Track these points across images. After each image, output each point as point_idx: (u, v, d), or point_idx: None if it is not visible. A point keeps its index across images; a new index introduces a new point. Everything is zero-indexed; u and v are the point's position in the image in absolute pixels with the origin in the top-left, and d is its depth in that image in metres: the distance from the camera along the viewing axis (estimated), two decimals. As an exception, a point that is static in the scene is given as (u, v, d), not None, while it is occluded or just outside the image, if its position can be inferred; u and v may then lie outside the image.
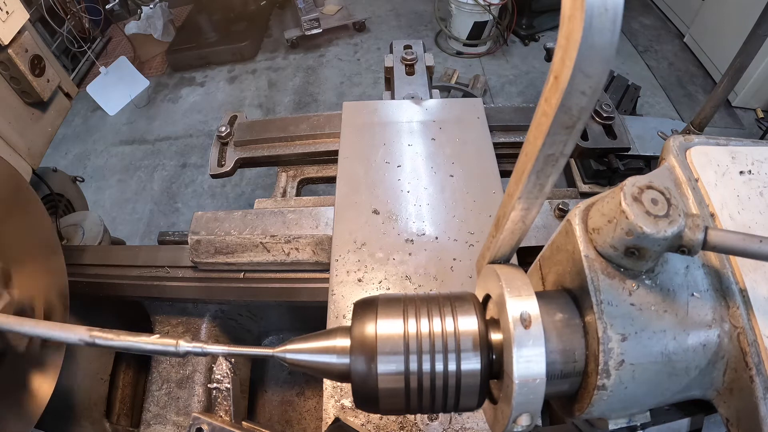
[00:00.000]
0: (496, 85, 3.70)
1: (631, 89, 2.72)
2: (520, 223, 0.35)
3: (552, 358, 0.35)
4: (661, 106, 3.43)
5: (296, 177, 1.40)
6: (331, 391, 0.66)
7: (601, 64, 0.24)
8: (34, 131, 1.26)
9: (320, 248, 0.96)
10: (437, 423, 0.63)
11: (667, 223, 0.32)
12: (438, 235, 0.82)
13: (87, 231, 1.56)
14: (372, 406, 0.36)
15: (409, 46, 1.27)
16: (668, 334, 0.35)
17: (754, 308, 0.37)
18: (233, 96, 3.86)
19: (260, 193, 3.06)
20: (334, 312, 0.74)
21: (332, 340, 0.37)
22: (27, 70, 1.18)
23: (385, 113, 1.05)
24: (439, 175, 0.92)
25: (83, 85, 3.84)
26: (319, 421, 1.04)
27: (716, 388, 0.38)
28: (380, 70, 3.84)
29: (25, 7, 1.18)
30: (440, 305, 0.37)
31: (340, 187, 0.91)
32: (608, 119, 1.18)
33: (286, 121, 1.24)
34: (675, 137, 0.47)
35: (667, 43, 3.96)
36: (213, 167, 1.21)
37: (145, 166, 3.36)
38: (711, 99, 1.38)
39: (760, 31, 1.26)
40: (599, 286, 0.35)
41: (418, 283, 0.76)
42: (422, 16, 4.45)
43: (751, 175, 0.44)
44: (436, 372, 0.35)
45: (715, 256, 0.39)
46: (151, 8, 4.11)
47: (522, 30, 4.00)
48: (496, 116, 1.18)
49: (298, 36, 4.11)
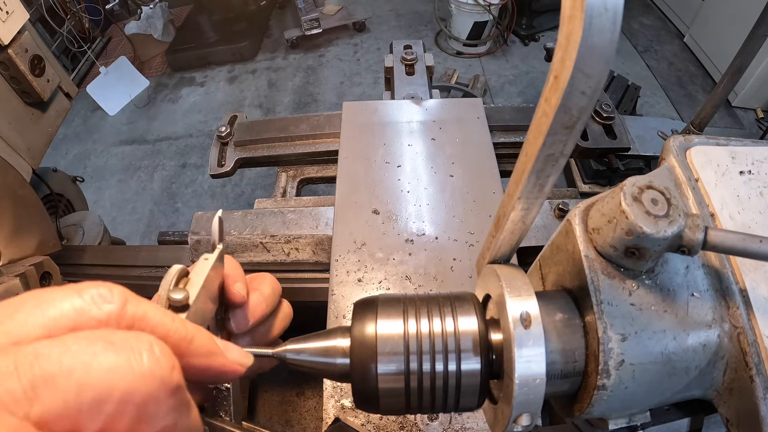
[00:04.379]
0: (496, 85, 3.70)
1: (631, 89, 2.72)
2: (520, 223, 0.35)
3: (552, 358, 0.35)
4: (661, 106, 3.43)
5: (296, 177, 1.40)
6: (331, 391, 0.66)
7: (601, 64, 0.24)
8: (34, 131, 1.26)
9: (320, 248, 0.96)
10: (437, 423, 0.63)
11: (667, 223, 0.32)
12: (438, 235, 0.82)
13: (87, 231, 1.56)
14: (372, 406, 0.36)
15: (409, 46, 1.27)
16: (668, 334, 0.35)
17: (754, 308, 0.37)
18: (233, 96, 3.86)
19: (260, 193, 3.07)
20: (334, 312, 0.74)
21: (332, 340, 0.37)
22: (27, 70, 1.18)
23: (385, 113, 1.05)
24: (439, 175, 0.92)
25: (83, 85, 3.84)
26: (319, 421, 1.04)
27: (716, 388, 0.38)
28: (380, 70, 3.84)
29: (25, 7, 1.18)
30: (440, 305, 0.37)
31: (340, 187, 0.91)
32: (608, 119, 1.18)
33: (286, 121, 1.24)
34: (675, 137, 0.47)
35: (667, 43, 3.97)
36: (213, 167, 1.21)
37: (145, 166, 3.36)
38: (711, 99, 1.38)
39: (760, 31, 1.27)
40: (599, 286, 0.35)
41: (418, 283, 0.76)
42: (422, 16, 4.44)
43: (751, 175, 0.44)
44: (436, 372, 0.35)
45: (715, 256, 0.39)
46: (151, 8, 4.11)
47: (522, 30, 4.00)
48: (496, 116, 1.18)
49: (298, 36, 4.11)
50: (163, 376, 0.23)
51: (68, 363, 0.21)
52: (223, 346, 0.34)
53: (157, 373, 0.23)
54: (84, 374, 0.21)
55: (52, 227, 1.02)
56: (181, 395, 0.25)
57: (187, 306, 0.34)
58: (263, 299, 0.43)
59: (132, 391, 0.22)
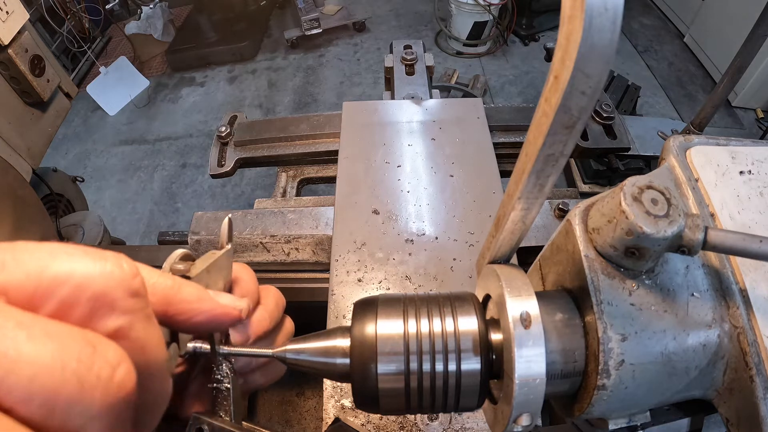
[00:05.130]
0: (496, 85, 3.70)
1: (631, 89, 2.72)
2: (520, 223, 0.35)
3: (552, 358, 0.35)
4: (661, 106, 3.43)
5: (296, 177, 1.40)
6: (331, 391, 0.66)
7: (601, 64, 0.24)
8: (34, 131, 1.26)
9: (320, 248, 0.96)
10: (437, 423, 0.63)
11: (667, 223, 0.32)
12: (438, 235, 0.82)
13: (87, 231, 1.56)
14: (372, 406, 0.36)
15: (409, 46, 1.27)
16: (668, 334, 0.35)
17: (754, 308, 0.37)
18: (233, 96, 3.86)
19: (260, 193, 3.06)
20: (334, 312, 0.74)
21: (332, 340, 0.37)
22: (27, 70, 1.18)
23: (385, 113, 1.05)
24: (439, 175, 0.92)
25: (83, 85, 3.83)
26: (319, 421, 1.04)
27: (716, 388, 0.38)
28: (380, 70, 3.84)
29: (25, 7, 1.18)
30: (440, 305, 0.37)
31: (340, 187, 0.91)
32: (608, 119, 1.18)
33: (286, 121, 1.24)
34: (675, 137, 0.47)
35: (667, 43, 3.96)
36: (213, 167, 1.21)
37: (145, 166, 3.36)
38: (711, 99, 1.38)
39: (760, 31, 1.26)
40: (599, 286, 0.35)
41: (418, 283, 0.76)
42: (422, 16, 4.44)
43: (751, 175, 0.44)
44: (436, 372, 0.35)
45: (715, 256, 0.39)
46: (151, 8, 4.11)
47: (522, 30, 4.00)
48: (496, 116, 1.18)
49: (298, 36, 4.11)
50: (123, 277, 0.24)
51: (39, 249, 0.23)
52: (214, 294, 0.34)
53: (116, 273, 0.24)
54: (49, 258, 0.23)
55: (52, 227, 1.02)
56: (140, 302, 0.25)
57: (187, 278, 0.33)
58: (267, 315, 0.41)
59: (89, 282, 0.23)
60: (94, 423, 0.20)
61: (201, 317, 0.32)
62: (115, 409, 0.21)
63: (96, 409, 0.20)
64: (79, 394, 0.20)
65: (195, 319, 0.32)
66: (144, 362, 0.25)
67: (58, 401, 0.19)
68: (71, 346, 0.20)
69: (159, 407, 0.28)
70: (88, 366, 0.20)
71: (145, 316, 0.26)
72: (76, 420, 0.20)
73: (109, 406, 0.21)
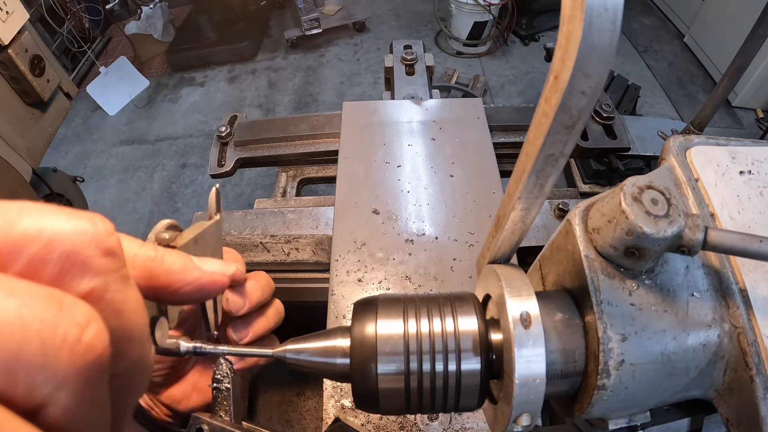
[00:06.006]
0: (496, 85, 3.70)
1: (631, 89, 2.71)
2: (520, 223, 0.35)
3: (552, 358, 0.35)
4: (661, 106, 3.44)
5: (296, 177, 1.40)
6: (331, 391, 0.66)
7: (601, 64, 0.24)
8: (34, 131, 1.26)
9: (320, 248, 0.96)
10: (437, 423, 0.63)
11: (667, 223, 0.32)
12: (438, 235, 0.82)
13: (87, 231, 1.55)
14: (372, 406, 0.36)
15: (409, 46, 1.27)
16: (668, 334, 0.35)
17: (754, 308, 0.37)
18: (233, 96, 3.86)
19: (260, 193, 3.07)
20: (334, 312, 0.74)
21: (332, 340, 0.37)
22: (27, 70, 1.18)
23: (385, 113, 1.05)
24: (439, 175, 0.92)
25: (83, 85, 3.84)
26: (319, 421, 1.04)
27: (716, 388, 0.38)
28: (380, 70, 3.84)
29: (25, 7, 1.18)
30: (440, 305, 0.37)
31: (340, 187, 0.91)
32: (608, 119, 1.18)
33: (286, 121, 1.24)
34: (675, 137, 0.47)
35: (667, 43, 3.97)
36: (213, 167, 1.21)
37: (145, 166, 3.36)
38: (711, 99, 1.38)
39: (760, 31, 1.26)
40: (599, 286, 0.35)
41: (418, 283, 0.76)
42: (422, 16, 4.45)
43: (751, 175, 0.44)
44: (436, 372, 0.35)
45: (715, 256, 0.39)
46: (151, 8, 4.11)
47: (522, 30, 4.00)
48: (496, 116, 1.18)
49: (298, 36, 4.11)
50: (97, 235, 0.23)
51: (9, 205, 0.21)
52: (199, 261, 0.32)
53: (90, 231, 0.22)
54: (18, 214, 0.21)
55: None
56: (115, 262, 0.24)
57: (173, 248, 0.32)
58: (258, 286, 0.44)
59: (60, 239, 0.21)
60: (62, 391, 0.18)
61: (188, 288, 0.31)
62: (85, 374, 0.19)
63: (62, 374, 0.18)
64: (42, 358, 0.18)
65: (182, 290, 0.31)
66: (120, 326, 0.23)
67: (19, 366, 0.17)
68: (34, 305, 0.18)
69: (140, 375, 0.25)
70: (53, 326, 0.18)
71: (120, 276, 0.24)
72: (42, 388, 0.18)
73: (78, 371, 0.19)
